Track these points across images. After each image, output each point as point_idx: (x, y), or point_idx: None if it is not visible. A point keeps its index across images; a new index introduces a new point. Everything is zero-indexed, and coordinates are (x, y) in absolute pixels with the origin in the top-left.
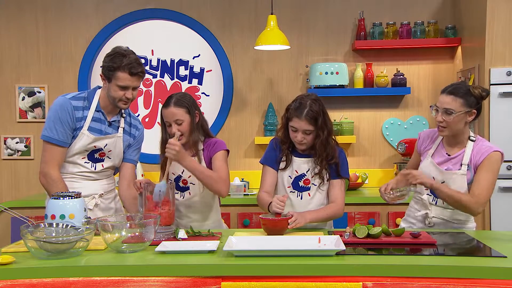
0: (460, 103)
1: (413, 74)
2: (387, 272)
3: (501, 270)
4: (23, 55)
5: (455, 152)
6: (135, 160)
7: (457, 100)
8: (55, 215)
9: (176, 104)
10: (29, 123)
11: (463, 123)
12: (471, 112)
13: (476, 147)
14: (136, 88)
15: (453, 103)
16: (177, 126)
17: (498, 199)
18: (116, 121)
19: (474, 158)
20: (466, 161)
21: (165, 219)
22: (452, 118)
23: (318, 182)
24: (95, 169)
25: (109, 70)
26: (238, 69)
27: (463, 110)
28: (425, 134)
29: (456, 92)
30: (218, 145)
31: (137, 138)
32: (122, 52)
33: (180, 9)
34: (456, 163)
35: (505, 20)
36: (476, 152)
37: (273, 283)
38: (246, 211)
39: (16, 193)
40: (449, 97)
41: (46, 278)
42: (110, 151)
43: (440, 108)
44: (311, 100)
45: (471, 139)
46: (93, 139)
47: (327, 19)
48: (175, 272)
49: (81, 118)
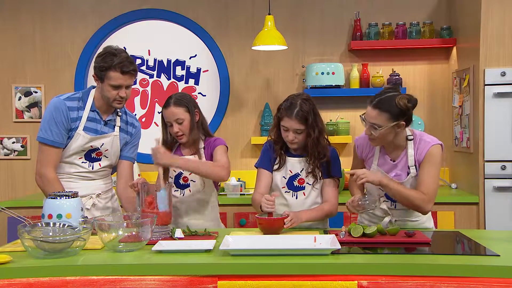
0: (385, 118)
1: (409, 75)
2: (382, 271)
3: (495, 268)
4: (20, 55)
5: (398, 156)
6: (132, 158)
7: (382, 115)
8: (52, 215)
9: (176, 103)
10: (26, 123)
11: (393, 134)
12: (399, 124)
13: (416, 145)
14: (129, 87)
15: (378, 118)
16: (178, 125)
17: (492, 199)
18: (112, 120)
19: (418, 156)
20: (412, 163)
21: (162, 219)
22: (378, 133)
23: (312, 181)
24: (93, 169)
25: (100, 70)
26: (235, 69)
27: (389, 124)
28: (362, 140)
29: (380, 107)
30: (218, 141)
31: (134, 136)
32: (112, 51)
33: (176, 9)
34: (402, 167)
35: (500, 21)
36: (417, 149)
37: (269, 282)
38: (242, 210)
39: (12, 193)
40: (374, 111)
41: (43, 277)
42: (107, 150)
43: (367, 122)
44: (301, 100)
45: (408, 138)
46: (89, 139)
47: (323, 20)
48: (171, 271)
49: (76, 118)
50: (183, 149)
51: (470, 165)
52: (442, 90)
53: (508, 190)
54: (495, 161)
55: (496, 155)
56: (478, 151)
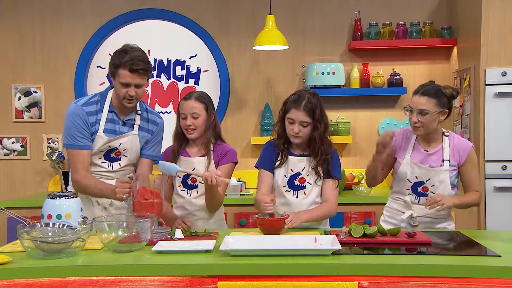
0: (433, 104)
1: (409, 74)
2: (383, 272)
3: (496, 269)
4: (19, 55)
5: (432, 149)
6: (153, 155)
7: (430, 101)
8: (52, 215)
9: (197, 98)
10: (26, 123)
11: (437, 122)
12: (443, 111)
13: (452, 143)
14: (140, 86)
15: (427, 104)
16: (193, 119)
17: (493, 199)
18: (131, 119)
19: (455, 155)
20: (447, 157)
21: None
22: (427, 118)
23: (314, 179)
24: (112, 168)
25: (113, 67)
26: (235, 69)
27: (437, 110)
28: (400, 132)
29: (429, 93)
30: (228, 156)
31: (156, 133)
32: (126, 49)
33: (177, 9)
34: (437, 159)
35: (500, 21)
36: (456, 149)
37: (269, 283)
38: (242, 211)
39: (12, 193)
40: (423, 98)
41: (43, 278)
42: (126, 149)
43: (415, 109)
44: (309, 94)
45: (445, 134)
46: (107, 140)
47: (324, 20)
48: (171, 272)
49: (95, 122)
50: (191, 148)
51: None
52: None
53: (509, 190)
54: (495, 161)
55: (497, 155)
56: (479, 151)
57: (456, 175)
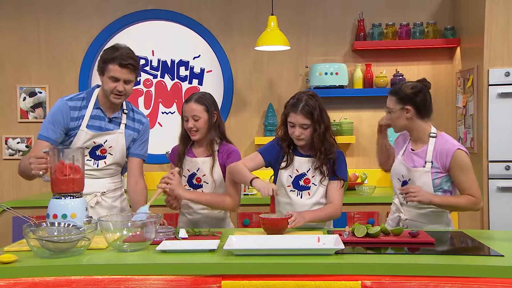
0: (394, 101)
1: (412, 75)
2: (386, 271)
3: (499, 268)
4: (24, 56)
5: (418, 148)
6: (142, 155)
7: (392, 99)
8: (57, 215)
9: (197, 100)
10: (30, 123)
11: (404, 119)
12: (405, 108)
13: (437, 145)
14: (128, 82)
15: (389, 102)
16: (194, 121)
17: (496, 199)
18: (118, 118)
19: (439, 157)
20: (430, 158)
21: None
22: (392, 116)
23: (319, 179)
24: (98, 167)
25: (102, 63)
26: (238, 70)
27: (397, 107)
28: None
29: (391, 92)
30: (232, 157)
31: (142, 132)
32: (116, 46)
33: (180, 10)
34: (420, 160)
35: (504, 21)
36: (439, 152)
37: (273, 282)
38: (246, 210)
39: (17, 193)
40: (388, 97)
41: (48, 277)
42: (111, 147)
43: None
44: (307, 96)
45: (431, 135)
46: (92, 135)
47: (327, 20)
48: (175, 271)
49: (78, 117)
50: (196, 149)
51: (474, 166)
52: (446, 90)
53: None
54: (499, 162)
55: (500, 155)
56: (482, 152)
57: (445, 179)
